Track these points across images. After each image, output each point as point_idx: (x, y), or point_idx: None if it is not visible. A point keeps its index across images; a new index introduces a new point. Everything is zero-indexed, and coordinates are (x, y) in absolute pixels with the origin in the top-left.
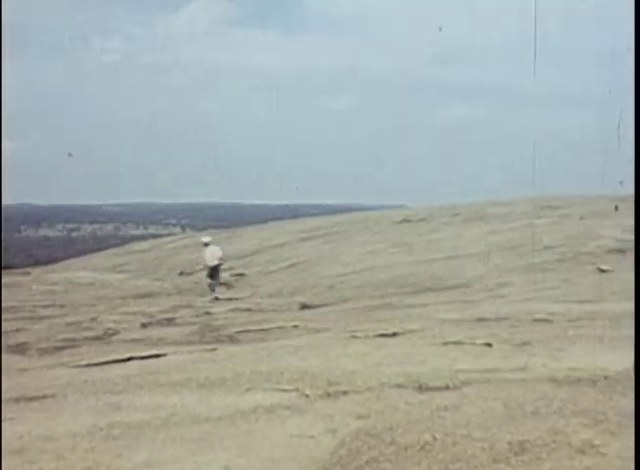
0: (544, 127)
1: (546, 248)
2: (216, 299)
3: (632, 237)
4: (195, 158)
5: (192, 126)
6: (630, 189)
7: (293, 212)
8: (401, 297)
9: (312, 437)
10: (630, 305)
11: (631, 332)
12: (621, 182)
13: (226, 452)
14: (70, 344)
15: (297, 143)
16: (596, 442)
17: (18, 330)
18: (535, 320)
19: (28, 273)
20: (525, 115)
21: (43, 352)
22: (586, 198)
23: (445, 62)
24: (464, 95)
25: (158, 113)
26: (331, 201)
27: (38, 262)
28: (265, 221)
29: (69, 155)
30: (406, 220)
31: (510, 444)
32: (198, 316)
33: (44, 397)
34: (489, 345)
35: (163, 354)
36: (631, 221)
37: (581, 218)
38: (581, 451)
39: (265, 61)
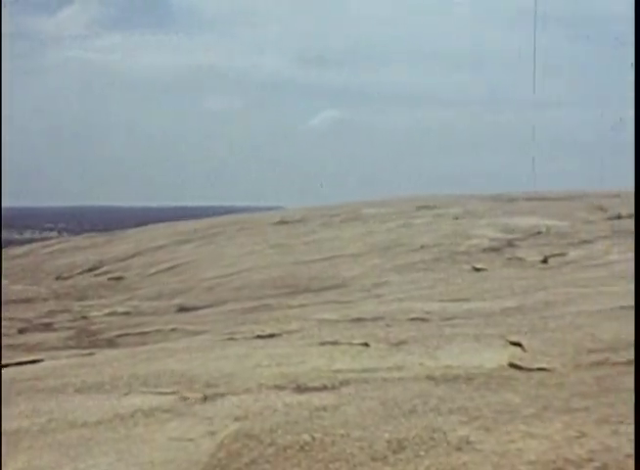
0: (416, 127)
1: (422, 247)
2: None
3: (505, 236)
4: (71, 159)
5: (69, 127)
6: (503, 188)
7: (171, 215)
8: (279, 298)
9: (191, 440)
10: (504, 303)
11: (505, 330)
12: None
13: (105, 457)
14: None
15: (172, 144)
16: (472, 438)
17: None
18: (412, 319)
19: None
20: (397, 115)
21: None
22: (460, 198)
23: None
24: (337, 97)
25: (33, 114)
26: (208, 203)
27: None
28: (144, 224)
29: None
30: (283, 222)
31: (388, 442)
32: (75, 321)
33: None
34: (367, 344)
35: (40, 360)
36: (504, 220)
37: (456, 218)
38: (458, 448)
39: (142, 61)
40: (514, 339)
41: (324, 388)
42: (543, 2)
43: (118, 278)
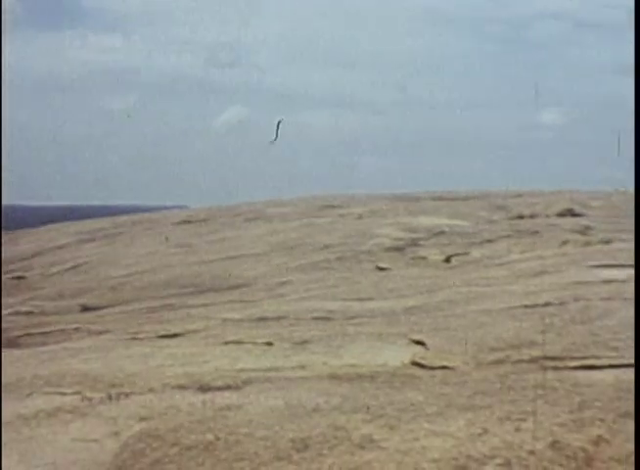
0: (324, 127)
1: (325, 247)
2: None
3: (408, 235)
4: None
5: None
6: (407, 188)
7: (73, 214)
8: (182, 297)
9: (95, 440)
10: (407, 302)
11: (408, 328)
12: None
13: (8, 459)
14: None
15: (74, 144)
16: (376, 436)
17: None
18: (315, 318)
19: None
20: (305, 114)
21: None
22: (364, 197)
23: (226, 64)
24: (243, 96)
25: None
26: (112, 202)
27: None
28: (45, 223)
29: None
30: (187, 221)
31: (292, 441)
32: None
33: None
34: (270, 344)
35: None
36: (408, 220)
37: (360, 217)
38: (362, 446)
39: (46, 60)
40: (417, 337)
41: (228, 387)
42: (454, 5)
43: (20, 277)
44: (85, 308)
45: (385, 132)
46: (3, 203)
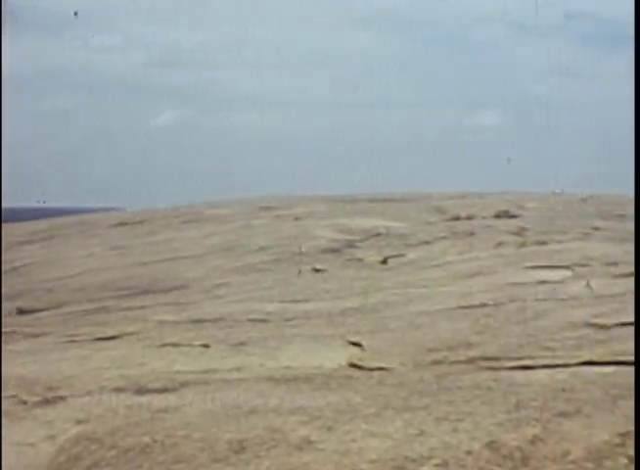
0: (260, 127)
1: (262, 248)
2: None
3: (345, 237)
4: None
5: None
6: (344, 189)
7: (9, 216)
8: (119, 300)
9: (31, 444)
10: (344, 304)
11: (345, 330)
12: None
13: None
14: None
15: (8, 145)
16: (313, 438)
17: None
18: (252, 320)
19: None
20: (241, 115)
21: None
22: (302, 198)
23: (164, 66)
24: (181, 98)
25: None
26: (49, 204)
27: None
28: None
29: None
30: (123, 223)
31: (229, 443)
32: None
33: None
34: (207, 346)
35: None
36: (345, 221)
37: (296, 219)
38: (299, 448)
39: None
40: (354, 339)
41: (165, 389)
42: (393, 6)
43: None
44: (22, 311)
45: (321, 133)
46: None
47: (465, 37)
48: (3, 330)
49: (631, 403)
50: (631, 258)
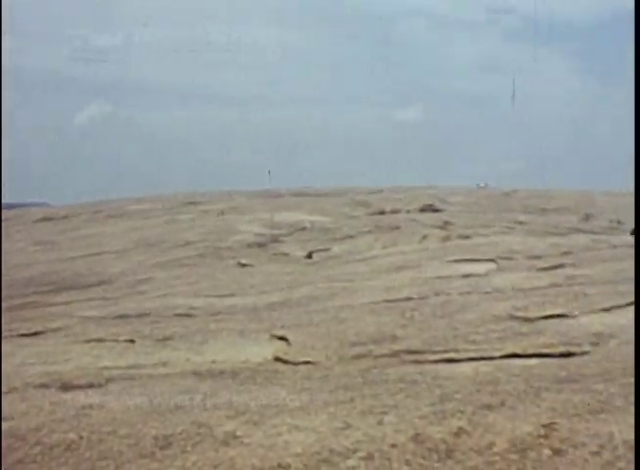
0: (187, 123)
1: (187, 243)
2: None
3: (270, 231)
4: None
5: None
6: (267, 185)
7: None
8: (43, 295)
9: None
10: (269, 298)
11: (270, 324)
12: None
13: None
14: None
15: None
16: (239, 433)
17: None
18: (177, 315)
19: None
20: (168, 110)
21: None
22: (226, 193)
23: (87, 59)
24: (106, 93)
25: None
26: None
27: None
28: None
29: None
30: (47, 218)
31: (155, 438)
32: None
33: None
34: (132, 341)
35: None
36: (269, 216)
37: (221, 214)
38: (225, 443)
39: None
40: (279, 333)
41: (90, 385)
42: (312, 0)
43: None
44: None
45: (245, 128)
46: None
47: (388, 32)
48: None
49: (555, 396)
50: (554, 250)
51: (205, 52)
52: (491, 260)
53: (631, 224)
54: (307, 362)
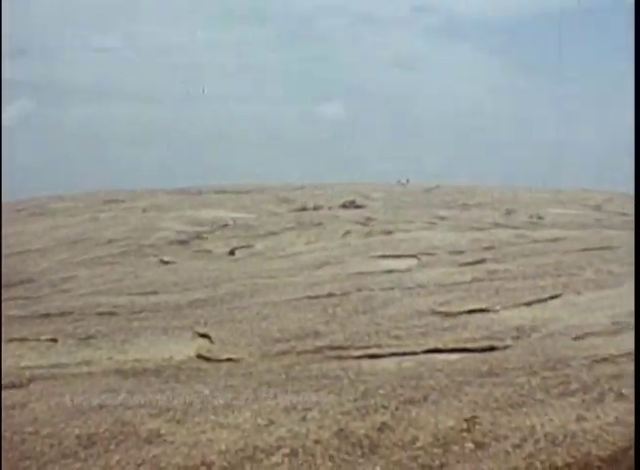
0: (104, 121)
1: (110, 241)
2: None
3: (192, 229)
4: None
5: None
6: (189, 182)
7: None
8: None
9: None
10: (192, 295)
11: (193, 322)
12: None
13: None
14: None
15: None
16: (162, 431)
17: None
18: (100, 314)
19: None
20: (84, 108)
21: None
22: (148, 191)
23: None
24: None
25: None
26: None
27: None
28: None
29: None
30: None
31: (78, 438)
32: None
33: None
34: (54, 340)
35: None
36: (192, 213)
37: (144, 211)
38: (149, 441)
39: None
40: (202, 330)
41: (12, 386)
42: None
43: None
44: None
45: (165, 125)
46: None
47: (308, 29)
48: None
49: (477, 389)
50: (476, 246)
51: (130, 52)
52: (413, 256)
53: (552, 219)
54: (230, 360)
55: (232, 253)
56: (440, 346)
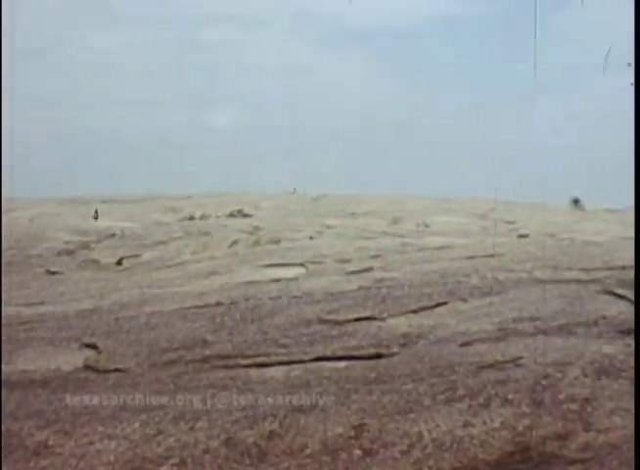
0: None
1: None
2: None
3: (80, 238)
4: None
5: None
6: (75, 191)
7: None
8: None
9: None
10: (79, 306)
11: (80, 332)
12: None
13: None
14: None
15: None
16: (50, 442)
17: None
18: None
19: None
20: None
21: None
22: (34, 200)
23: None
24: None
25: None
26: None
27: None
28: None
29: None
30: None
31: None
32: None
33: None
34: None
35: None
36: (79, 223)
37: (30, 221)
38: (36, 453)
39: None
40: (89, 341)
41: None
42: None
43: None
44: None
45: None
46: None
47: (197, 36)
48: None
49: (364, 397)
50: (363, 254)
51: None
52: (301, 265)
53: (438, 227)
54: (118, 370)
55: (119, 263)
56: (328, 354)
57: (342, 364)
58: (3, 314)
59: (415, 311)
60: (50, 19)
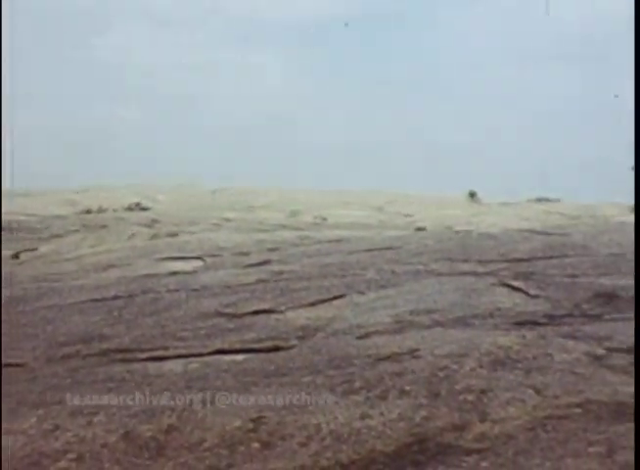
0: None
1: None
2: None
3: None
4: None
5: None
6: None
7: None
8: None
9: None
10: None
11: None
12: None
13: None
14: None
15: None
16: None
17: None
18: None
19: None
20: None
21: None
22: None
23: None
24: None
25: None
26: None
27: None
28: None
29: None
30: None
31: None
32: None
33: None
34: None
35: None
36: None
37: None
38: None
39: None
40: None
41: None
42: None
43: None
44: None
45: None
46: None
47: (105, 31)
48: None
49: (263, 389)
50: (261, 247)
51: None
52: (198, 258)
53: (335, 220)
54: (14, 364)
55: (16, 256)
56: (226, 347)
57: (241, 357)
58: None
59: (313, 304)
60: None
